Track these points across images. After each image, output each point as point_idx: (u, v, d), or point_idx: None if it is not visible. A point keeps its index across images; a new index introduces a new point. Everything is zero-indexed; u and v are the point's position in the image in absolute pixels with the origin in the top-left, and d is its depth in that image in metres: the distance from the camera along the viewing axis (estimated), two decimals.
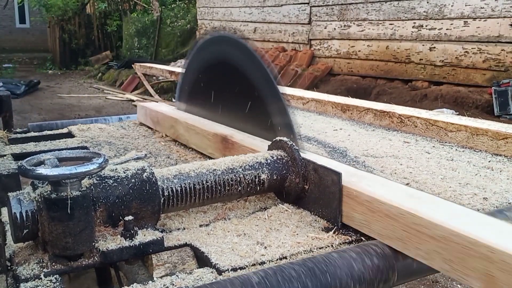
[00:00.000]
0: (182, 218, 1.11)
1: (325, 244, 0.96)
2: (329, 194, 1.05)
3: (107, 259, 0.89)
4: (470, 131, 1.70)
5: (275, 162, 1.16)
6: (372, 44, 7.24)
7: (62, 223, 0.85)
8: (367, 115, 2.09)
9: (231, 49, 1.47)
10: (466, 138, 1.71)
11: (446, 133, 1.78)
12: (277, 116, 1.35)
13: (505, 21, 5.63)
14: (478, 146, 1.68)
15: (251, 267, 0.88)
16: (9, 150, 1.64)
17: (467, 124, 1.73)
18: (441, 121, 1.80)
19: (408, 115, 1.92)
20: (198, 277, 0.84)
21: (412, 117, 1.90)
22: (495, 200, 1.22)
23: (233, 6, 10.11)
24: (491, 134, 1.65)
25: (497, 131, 1.64)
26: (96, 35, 15.59)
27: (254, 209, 1.16)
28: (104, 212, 0.94)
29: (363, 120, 2.10)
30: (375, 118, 2.05)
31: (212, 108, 1.69)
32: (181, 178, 1.07)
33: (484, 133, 1.66)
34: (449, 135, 1.77)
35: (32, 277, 0.84)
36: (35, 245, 0.93)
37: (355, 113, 2.15)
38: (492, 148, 1.64)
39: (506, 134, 1.62)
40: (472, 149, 1.68)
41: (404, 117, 1.92)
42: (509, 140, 1.60)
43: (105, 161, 0.90)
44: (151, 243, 0.93)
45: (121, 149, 1.70)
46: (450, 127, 1.77)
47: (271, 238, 0.99)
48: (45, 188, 0.87)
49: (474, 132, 1.69)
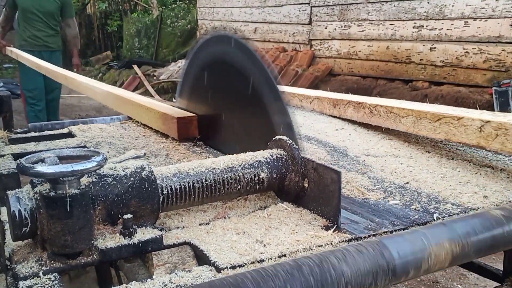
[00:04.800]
0: (182, 216, 1.11)
1: (325, 242, 0.96)
2: (328, 192, 1.05)
3: (106, 257, 0.89)
4: (415, 115, 1.69)
5: (274, 160, 1.16)
6: (372, 45, 7.23)
7: (61, 221, 0.85)
8: (349, 108, 2.10)
9: (231, 49, 1.47)
10: (413, 123, 1.70)
11: (400, 119, 1.78)
12: (277, 115, 1.35)
13: (506, 21, 5.62)
14: (421, 132, 1.66)
15: (250, 265, 0.88)
16: (9, 150, 1.64)
17: (413, 108, 1.72)
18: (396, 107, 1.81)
19: (374, 104, 1.93)
20: (197, 275, 0.84)
21: (377, 106, 1.91)
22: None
23: (234, 6, 10.10)
24: (430, 116, 1.63)
25: (434, 112, 1.62)
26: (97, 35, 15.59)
27: (254, 207, 1.16)
28: (103, 210, 0.94)
29: (346, 113, 2.11)
30: (354, 111, 2.06)
31: (212, 106, 1.68)
32: (180, 176, 1.06)
33: (424, 116, 1.65)
34: (402, 121, 1.77)
35: (31, 275, 0.84)
36: (34, 243, 0.93)
37: (341, 107, 2.15)
38: (430, 132, 1.62)
39: (441, 114, 1.59)
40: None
41: (372, 106, 1.94)
42: (443, 120, 1.58)
43: (104, 159, 0.90)
44: (150, 241, 0.93)
45: (121, 149, 1.70)
46: (402, 112, 1.76)
47: (270, 236, 0.99)
48: (44, 186, 0.87)
49: (418, 116, 1.68)
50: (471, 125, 1.47)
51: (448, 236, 0.98)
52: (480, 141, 1.43)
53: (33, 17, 5.75)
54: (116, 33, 15.00)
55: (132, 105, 2.15)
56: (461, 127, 1.50)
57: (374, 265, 0.87)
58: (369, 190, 1.29)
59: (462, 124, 1.50)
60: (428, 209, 1.16)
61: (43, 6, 5.74)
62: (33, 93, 5.79)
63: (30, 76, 5.65)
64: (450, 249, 0.97)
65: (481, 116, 1.47)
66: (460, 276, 3.23)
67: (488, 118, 1.43)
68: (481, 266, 1.46)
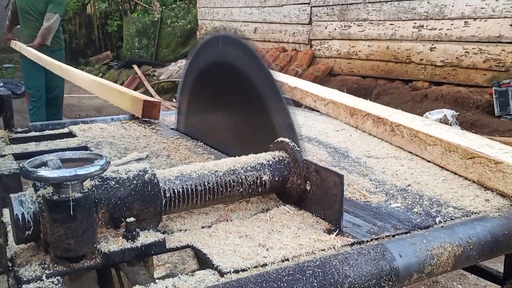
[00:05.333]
0: (184, 219, 1.11)
1: (327, 246, 0.96)
2: (331, 195, 1.05)
3: (109, 260, 0.89)
4: (444, 146, 1.49)
5: (276, 163, 1.16)
6: (372, 44, 7.23)
7: (64, 225, 0.85)
8: (367, 120, 1.92)
9: (232, 49, 1.47)
10: (441, 154, 1.51)
11: (425, 147, 1.58)
12: (278, 116, 1.35)
13: (506, 21, 5.62)
14: (449, 166, 1.47)
15: (253, 269, 0.87)
16: (10, 150, 1.64)
17: (442, 138, 1.51)
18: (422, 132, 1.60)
19: (397, 124, 1.73)
20: (200, 279, 0.84)
21: (400, 126, 1.72)
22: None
23: (234, 6, 10.10)
24: (461, 151, 1.42)
25: (467, 149, 1.40)
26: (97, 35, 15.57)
27: (256, 210, 1.16)
28: (106, 213, 0.94)
29: (364, 126, 1.94)
30: (373, 125, 1.89)
31: (213, 106, 1.68)
32: (183, 179, 1.06)
33: (454, 150, 1.45)
34: (428, 149, 1.57)
35: (34, 279, 0.84)
36: (37, 246, 0.92)
37: (359, 117, 1.97)
38: (461, 169, 1.42)
39: (474, 153, 1.37)
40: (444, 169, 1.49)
41: (394, 125, 1.75)
42: (476, 160, 1.36)
43: (107, 163, 0.90)
44: (152, 244, 0.93)
45: (122, 149, 1.69)
46: (428, 140, 1.57)
47: (273, 240, 0.99)
48: (47, 190, 0.87)
49: (447, 148, 1.48)
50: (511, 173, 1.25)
51: (450, 239, 0.98)
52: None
53: (29, 17, 5.81)
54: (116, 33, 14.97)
55: (110, 91, 2.53)
56: (499, 173, 1.28)
57: (377, 269, 0.87)
58: (370, 193, 1.29)
59: (500, 170, 1.28)
60: (430, 213, 1.16)
61: (35, 5, 5.79)
62: (34, 90, 5.87)
63: (31, 74, 5.77)
64: (452, 253, 0.97)
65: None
66: (460, 276, 3.23)
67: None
68: (482, 269, 1.46)
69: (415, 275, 0.92)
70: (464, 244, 0.99)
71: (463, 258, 0.99)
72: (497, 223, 1.06)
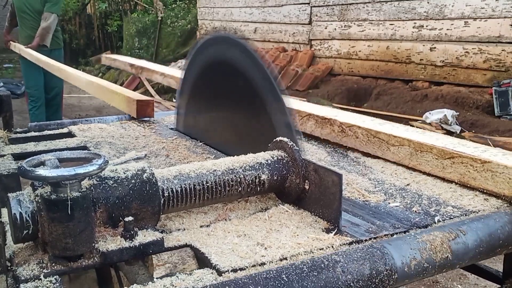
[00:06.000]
0: (183, 219, 1.11)
1: (326, 245, 0.96)
2: (329, 195, 1.05)
3: (107, 259, 0.89)
4: (413, 146, 1.43)
5: (275, 162, 1.16)
6: (372, 44, 7.23)
7: (62, 224, 0.85)
8: (308, 121, 1.82)
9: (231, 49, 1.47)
10: (409, 155, 1.45)
11: (388, 147, 1.51)
12: (277, 116, 1.35)
13: (506, 21, 5.62)
14: (421, 166, 1.41)
15: (251, 268, 0.87)
16: (9, 150, 1.64)
17: (411, 138, 1.45)
18: (383, 132, 1.53)
19: (350, 124, 1.65)
20: (198, 278, 0.84)
21: (353, 126, 1.63)
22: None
23: (234, 6, 10.10)
24: (436, 151, 1.37)
25: (443, 148, 1.35)
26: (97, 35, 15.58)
27: (255, 209, 1.16)
28: (104, 212, 0.94)
29: (305, 127, 1.83)
30: (316, 126, 1.79)
31: (212, 106, 1.68)
32: (181, 178, 1.06)
33: (429, 150, 1.38)
34: (391, 149, 1.50)
35: (32, 278, 0.83)
36: (35, 245, 0.92)
37: (297, 118, 1.85)
38: (437, 169, 1.37)
39: (453, 152, 1.32)
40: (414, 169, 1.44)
41: (345, 126, 1.66)
42: (457, 160, 1.31)
43: (105, 162, 0.90)
44: (151, 243, 0.93)
45: (121, 149, 1.69)
46: (393, 140, 1.50)
47: (271, 239, 0.98)
48: (45, 189, 0.87)
49: (418, 148, 1.42)
50: (503, 173, 1.20)
51: (449, 239, 0.98)
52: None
53: (26, 16, 5.82)
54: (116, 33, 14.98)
55: (106, 91, 2.55)
56: (487, 173, 1.23)
57: (375, 268, 0.87)
58: (369, 192, 1.29)
59: (488, 169, 1.23)
60: (429, 212, 1.16)
61: (31, 4, 5.79)
62: (33, 90, 5.89)
63: (30, 74, 5.80)
64: (451, 252, 0.97)
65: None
66: (460, 276, 3.23)
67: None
68: (481, 268, 1.46)
69: (414, 274, 0.92)
70: (463, 243, 0.99)
71: (463, 257, 0.99)
72: (496, 222, 1.06)
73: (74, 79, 3.24)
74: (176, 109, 1.95)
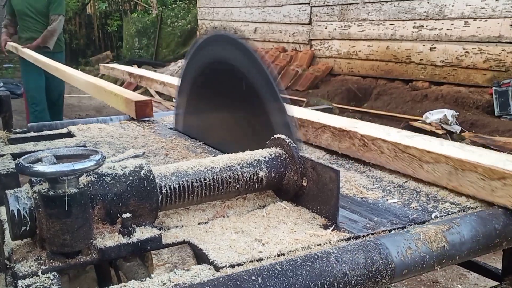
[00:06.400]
0: (181, 216, 1.11)
1: (323, 241, 0.96)
2: (327, 191, 1.05)
3: (105, 256, 0.89)
4: (452, 163, 1.21)
5: (273, 159, 1.16)
6: (372, 44, 7.24)
7: (60, 220, 0.85)
8: (324, 133, 1.61)
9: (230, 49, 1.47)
10: (447, 174, 1.23)
11: (420, 165, 1.30)
12: (276, 114, 1.35)
13: (506, 21, 5.63)
14: (463, 188, 1.20)
15: (248, 263, 0.88)
16: (9, 150, 1.64)
17: (449, 154, 1.22)
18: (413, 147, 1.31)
19: (373, 137, 1.43)
20: (195, 274, 0.84)
21: (377, 140, 1.42)
22: None
23: (234, 6, 10.11)
24: (482, 170, 1.14)
25: (491, 167, 1.12)
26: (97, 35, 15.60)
27: (253, 206, 1.16)
28: (102, 209, 0.94)
29: (320, 140, 1.64)
30: (333, 139, 1.58)
31: (211, 105, 1.69)
32: (179, 175, 1.07)
33: (473, 169, 1.16)
34: (424, 167, 1.29)
35: (30, 274, 0.84)
36: (33, 242, 0.93)
37: (311, 130, 1.67)
38: (484, 192, 1.15)
39: (504, 172, 1.09)
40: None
41: (367, 139, 1.45)
42: (508, 181, 1.09)
43: (102, 158, 0.90)
44: (149, 240, 0.93)
45: (120, 149, 1.70)
46: (426, 156, 1.28)
47: (269, 235, 0.99)
48: (43, 186, 0.87)
49: (458, 166, 1.19)
50: None
51: (446, 235, 0.98)
52: None
53: (28, 18, 5.72)
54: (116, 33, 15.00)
55: (105, 92, 2.53)
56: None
57: (372, 263, 0.87)
58: (367, 189, 1.29)
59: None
60: (426, 208, 1.16)
61: (33, 5, 5.71)
62: (34, 92, 5.78)
63: (31, 75, 5.67)
64: (449, 248, 0.97)
65: None
66: (460, 276, 3.22)
67: None
68: (480, 265, 1.46)
69: (411, 270, 0.92)
70: (461, 239, 1.00)
71: (460, 253, 0.99)
72: (494, 218, 1.06)
73: (73, 79, 3.22)
74: (175, 108, 1.95)
